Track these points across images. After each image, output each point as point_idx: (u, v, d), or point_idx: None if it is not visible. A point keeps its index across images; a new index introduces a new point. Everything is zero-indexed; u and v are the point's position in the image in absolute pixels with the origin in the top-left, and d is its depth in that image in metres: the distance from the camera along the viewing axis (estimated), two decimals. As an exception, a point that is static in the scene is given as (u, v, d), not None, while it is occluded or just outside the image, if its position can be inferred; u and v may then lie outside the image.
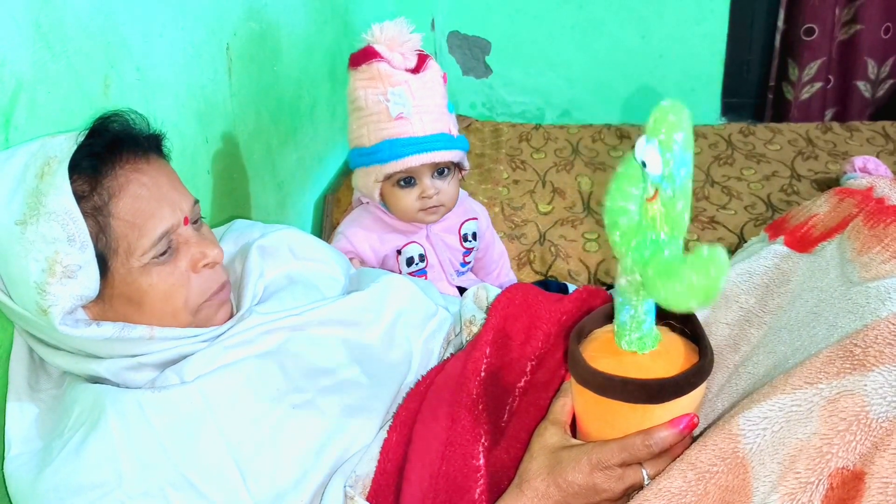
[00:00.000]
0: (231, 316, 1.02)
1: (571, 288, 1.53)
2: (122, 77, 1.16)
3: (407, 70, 1.36)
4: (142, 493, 0.83)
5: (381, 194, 1.41)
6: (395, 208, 1.42)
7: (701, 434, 0.80)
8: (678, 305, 0.69)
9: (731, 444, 0.74)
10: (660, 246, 0.72)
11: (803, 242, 1.02)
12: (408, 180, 1.38)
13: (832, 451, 0.70)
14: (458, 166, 1.44)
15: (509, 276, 1.68)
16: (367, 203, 1.48)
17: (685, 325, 0.86)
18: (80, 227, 0.84)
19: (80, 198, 0.86)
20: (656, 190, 0.71)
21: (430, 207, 1.41)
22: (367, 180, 1.40)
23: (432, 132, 1.36)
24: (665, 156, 0.68)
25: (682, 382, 0.78)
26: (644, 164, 0.70)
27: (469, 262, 1.56)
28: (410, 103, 1.34)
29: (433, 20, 2.82)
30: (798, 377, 0.75)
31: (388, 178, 1.37)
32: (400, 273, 1.42)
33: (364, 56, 1.35)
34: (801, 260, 0.99)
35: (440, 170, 1.40)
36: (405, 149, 1.34)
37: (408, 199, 1.40)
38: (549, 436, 0.85)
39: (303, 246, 1.20)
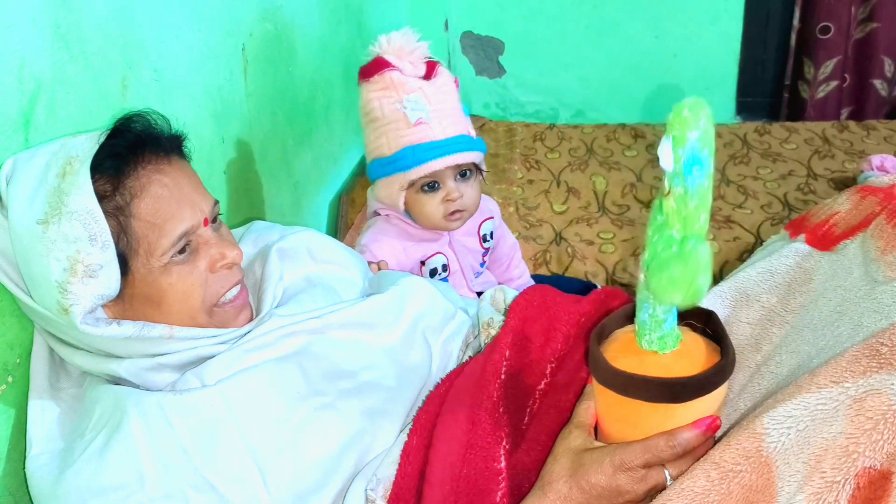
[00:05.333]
0: (251, 319, 1.02)
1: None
2: (140, 78, 1.16)
3: (419, 77, 1.36)
4: (163, 495, 0.82)
5: (405, 203, 1.40)
6: (419, 215, 1.41)
7: (724, 434, 0.79)
8: (664, 297, 0.71)
9: (756, 443, 0.73)
10: (671, 242, 0.72)
11: (825, 241, 1.01)
12: (431, 185, 1.38)
13: (859, 451, 0.69)
14: (478, 168, 1.44)
15: (520, 267, 1.67)
16: (388, 215, 1.46)
17: (707, 325, 0.85)
18: (101, 227, 0.84)
19: (101, 198, 0.86)
20: (670, 185, 0.70)
21: (453, 212, 1.40)
22: (390, 190, 1.39)
23: (452, 134, 1.36)
24: (677, 152, 0.68)
25: (704, 381, 0.77)
26: (659, 160, 0.70)
27: (486, 262, 1.57)
28: (428, 108, 1.34)
29: (446, 21, 2.82)
30: (823, 376, 0.74)
31: (411, 184, 1.37)
32: (421, 279, 1.41)
33: (375, 67, 1.35)
34: (823, 258, 0.98)
35: (462, 172, 1.39)
36: (427, 153, 1.34)
37: (432, 203, 1.39)
38: (573, 438, 0.85)
39: (321, 248, 1.19)
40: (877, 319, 0.80)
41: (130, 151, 0.90)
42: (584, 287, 1.61)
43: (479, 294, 1.47)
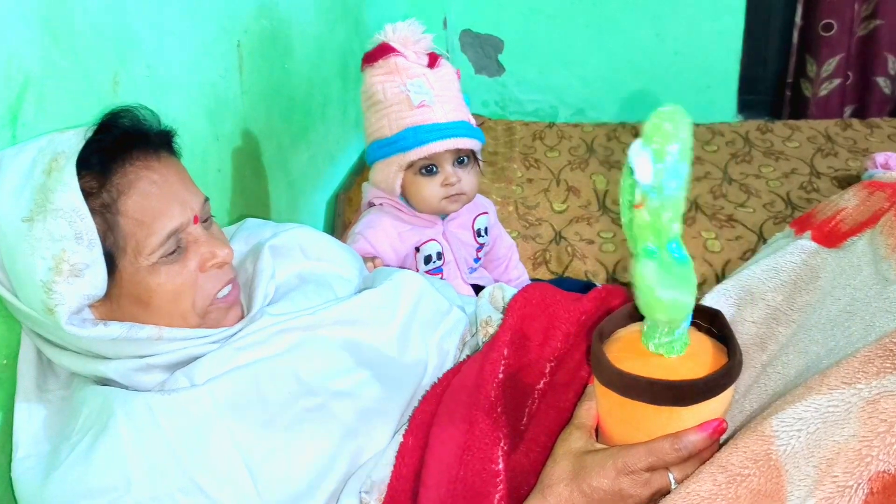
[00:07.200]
0: (242, 317, 1.00)
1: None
2: (132, 74, 1.14)
3: (422, 66, 1.37)
4: (151, 497, 0.81)
5: (402, 186, 1.41)
6: (417, 198, 1.42)
7: (730, 436, 0.77)
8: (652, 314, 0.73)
9: (764, 446, 0.71)
10: (651, 254, 0.69)
11: (831, 237, 0.99)
12: (429, 168, 1.39)
13: (872, 455, 0.67)
14: (475, 157, 1.45)
15: (518, 269, 1.68)
16: (382, 204, 1.47)
17: (712, 325, 0.83)
18: (87, 225, 0.82)
19: (88, 195, 0.84)
20: (644, 197, 0.68)
21: (452, 195, 1.41)
22: (387, 171, 1.39)
23: (454, 119, 1.38)
24: (656, 166, 0.66)
25: (710, 384, 0.75)
26: (633, 170, 0.67)
27: (480, 258, 1.56)
28: (431, 92, 1.36)
29: (445, 18, 2.80)
30: (835, 377, 0.72)
31: (410, 166, 1.38)
32: (417, 272, 1.40)
33: (380, 52, 1.37)
34: (830, 255, 0.96)
35: (460, 159, 1.41)
36: (429, 135, 1.35)
37: (430, 186, 1.40)
38: (574, 440, 0.83)
39: (314, 246, 1.18)
40: (889, 319, 0.78)
41: (118, 147, 0.88)
42: (585, 287, 1.59)
43: (475, 288, 1.46)
